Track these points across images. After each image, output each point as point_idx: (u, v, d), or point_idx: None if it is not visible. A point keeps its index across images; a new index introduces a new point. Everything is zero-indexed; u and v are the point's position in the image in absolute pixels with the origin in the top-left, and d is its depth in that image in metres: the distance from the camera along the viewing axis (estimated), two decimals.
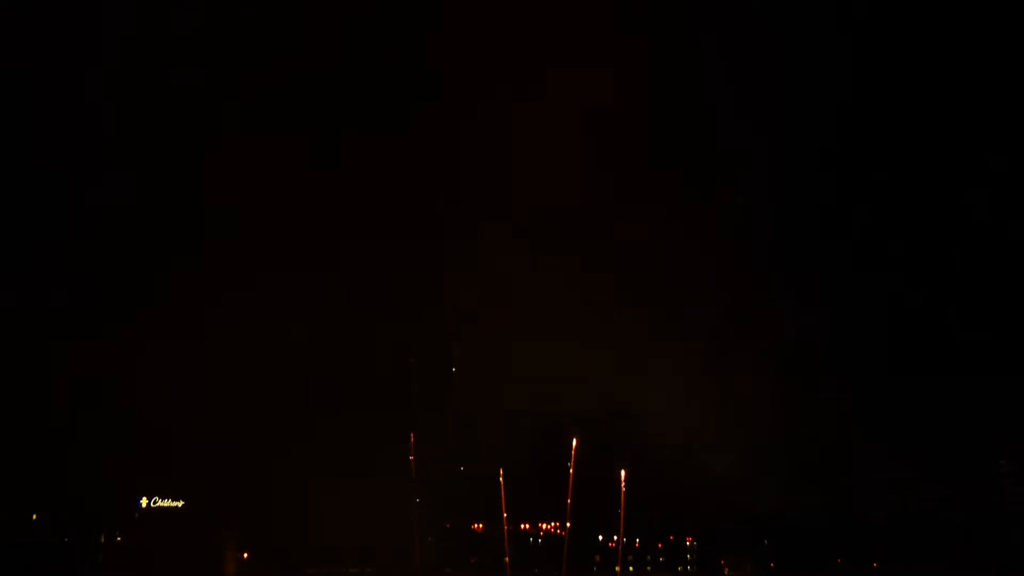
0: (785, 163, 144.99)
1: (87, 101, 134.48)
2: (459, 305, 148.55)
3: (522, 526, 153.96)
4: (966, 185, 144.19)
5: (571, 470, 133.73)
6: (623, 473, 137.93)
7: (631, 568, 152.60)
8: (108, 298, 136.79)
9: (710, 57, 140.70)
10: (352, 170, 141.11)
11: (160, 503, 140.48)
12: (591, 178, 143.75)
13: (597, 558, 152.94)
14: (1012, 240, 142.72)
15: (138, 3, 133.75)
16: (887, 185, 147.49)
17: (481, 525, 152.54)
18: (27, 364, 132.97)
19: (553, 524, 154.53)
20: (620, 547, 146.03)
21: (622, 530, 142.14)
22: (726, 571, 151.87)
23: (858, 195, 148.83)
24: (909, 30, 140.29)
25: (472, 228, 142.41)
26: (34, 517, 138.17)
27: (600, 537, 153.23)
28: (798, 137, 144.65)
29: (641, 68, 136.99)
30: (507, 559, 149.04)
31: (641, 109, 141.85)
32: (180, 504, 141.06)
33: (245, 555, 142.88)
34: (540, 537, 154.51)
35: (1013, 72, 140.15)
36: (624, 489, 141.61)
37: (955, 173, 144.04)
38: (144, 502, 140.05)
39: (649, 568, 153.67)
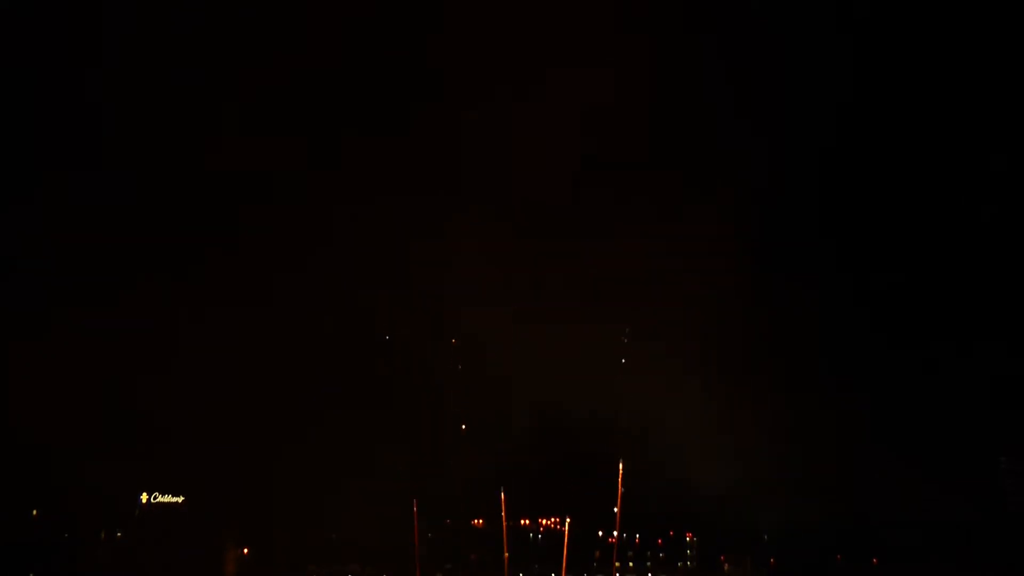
0: (785, 163, 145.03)
1: (87, 101, 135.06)
2: (460, 305, 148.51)
3: (522, 522, 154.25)
4: (966, 184, 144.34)
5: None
6: (621, 467, 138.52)
7: (631, 564, 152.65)
8: (108, 297, 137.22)
9: (710, 57, 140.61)
10: (352, 170, 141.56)
11: (160, 499, 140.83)
12: (590, 177, 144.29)
13: (597, 554, 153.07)
14: (1012, 239, 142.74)
15: (138, 3, 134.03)
16: (887, 185, 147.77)
17: (481, 521, 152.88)
18: (27, 362, 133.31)
19: (553, 520, 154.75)
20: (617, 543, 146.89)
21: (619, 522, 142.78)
22: (726, 567, 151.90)
23: (858, 195, 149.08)
24: (909, 30, 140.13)
25: (472, 228, 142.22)
26: (35, 514, 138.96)
27: (600, 533, 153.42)
28: (798, 137, 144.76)
29: (641, 68, 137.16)
30: (507, 555, 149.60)
31: (641, 109, 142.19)
32: (180, 500, 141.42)
33: (245, 551, 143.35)
34: (540, 533, 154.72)
35: (1014, 71, 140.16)
36: (622, 490, 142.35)
37: (955, 173, 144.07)
38: (144, 498, 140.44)
39: (649, 564, 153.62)
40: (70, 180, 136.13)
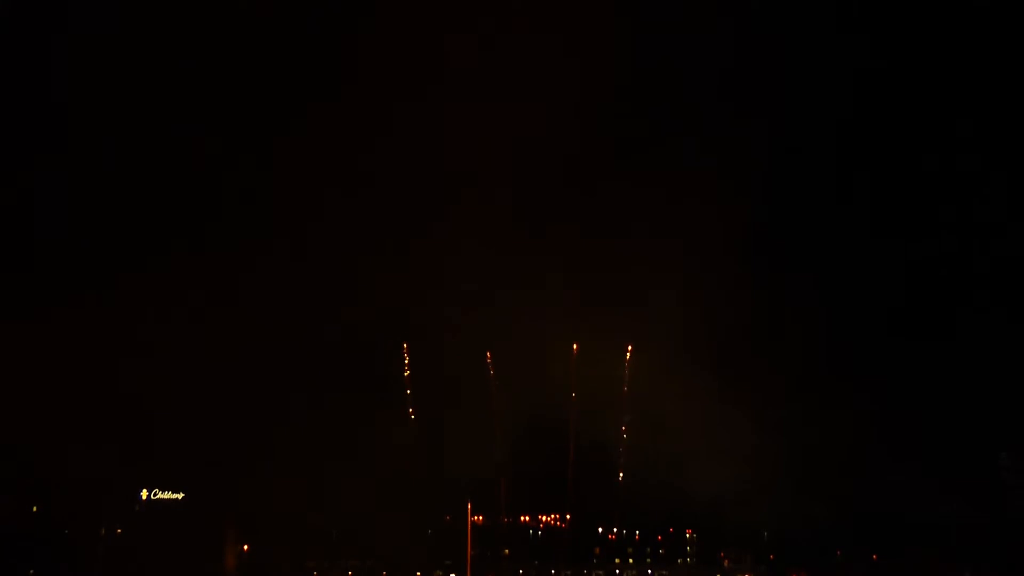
0: (785, 163, 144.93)
1: (87, 100, 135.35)
2: (457, 298, 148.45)
3: (522, 518, 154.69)
4: (966, 185, 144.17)
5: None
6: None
7: (631, 560, 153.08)
8: (109, 296, 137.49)
9: (710, 57, 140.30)
10: (351, 168, 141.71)
11: (160, 495, 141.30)
12: (589, 177, 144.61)
13: (596, 550, 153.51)
14: (1013, 237, 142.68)
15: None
16: (887, 186, 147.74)
17: (481, 517, 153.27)
18: (26, 358, 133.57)
19: (553, 516, 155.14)
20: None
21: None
22: (726, 563, 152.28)
23: (858, 195, 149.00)
24: (910, 30, 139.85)
25: (470, 227, 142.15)
26: (34, 509, 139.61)
27: (600, 530, 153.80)
28: (798, 138, 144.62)
29: (641, 68, 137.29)
30: (506, 552, 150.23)
31: (640, 108, 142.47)
32: (180, 496, 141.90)
33: (245, 547, 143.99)
34: (540, 530, 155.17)
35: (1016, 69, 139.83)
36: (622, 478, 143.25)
37: (955, 173, 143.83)
38: (144, 494, 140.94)
39: (649, 560, 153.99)
40: (64, 174, 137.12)
